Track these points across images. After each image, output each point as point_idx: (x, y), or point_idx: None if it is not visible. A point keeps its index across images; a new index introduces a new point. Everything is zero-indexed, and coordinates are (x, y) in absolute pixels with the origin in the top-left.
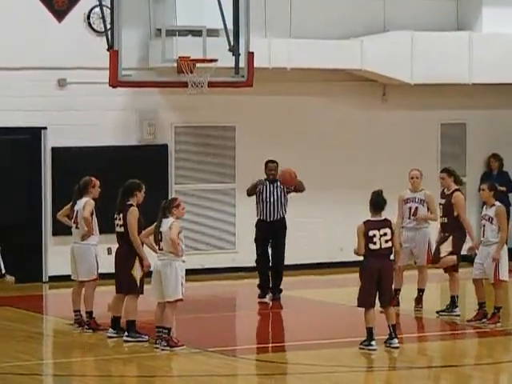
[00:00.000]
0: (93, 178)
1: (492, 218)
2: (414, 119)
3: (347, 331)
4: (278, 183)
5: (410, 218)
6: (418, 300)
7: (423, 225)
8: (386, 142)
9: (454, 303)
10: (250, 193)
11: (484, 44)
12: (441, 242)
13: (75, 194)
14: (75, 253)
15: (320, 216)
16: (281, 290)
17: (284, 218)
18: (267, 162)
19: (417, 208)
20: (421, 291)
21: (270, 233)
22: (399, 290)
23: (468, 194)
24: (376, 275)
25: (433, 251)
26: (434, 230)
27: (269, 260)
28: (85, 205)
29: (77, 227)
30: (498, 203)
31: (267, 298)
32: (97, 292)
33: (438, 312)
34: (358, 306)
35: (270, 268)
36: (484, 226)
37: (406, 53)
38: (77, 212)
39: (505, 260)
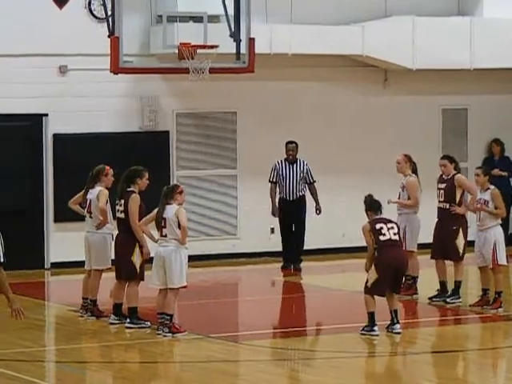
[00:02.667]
0: (106, 167)
1: (487, 202)
2: (416, 104)
3: (349, 317)
4: (297, 164)
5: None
6: (408, 287)
7: (402, 210)
8: (388, 128)
9: (457, 288)
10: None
11: (485, 29)
12: (454, 236)
13: (88, 182)
14: (90, 242)
15: (321, 201)
16: (300, 260)
17: (304, 196)
18: (287, 143)
19: (399, 193)
20: (411, 278)
21: (292, 210)
22: (417, 276)
23: (469, 179)
24: (393, 265)
25: (407, 240)
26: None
27: (291, 234)
28: (99, 194)
29: (90, 216)
30: (492, 186)
31: (291, 268)
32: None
33: (430, 298)
34: (369, 293)
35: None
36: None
37: (407, 38)
38: (90, 201)
39: (502, 244)
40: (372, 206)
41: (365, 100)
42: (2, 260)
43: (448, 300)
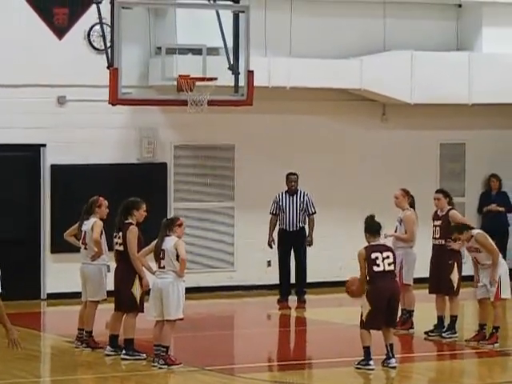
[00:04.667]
0: (100, 198)
1: (479, 249)
2: (414, 139)
3: (345, 350)
4: (297, 195)
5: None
6: (404, 321)
7: (398, 244)
8: (386, 162)
9: (453, 323)
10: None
11: (484, 64)
12: (449, 271)
13: (82, 214)
14: (85, 273)
15: (319, 235)
16: (304, 292)
17: (304, 227)
18: (288, 175)
19: (396, 227)
20: (407, 312)
21: (291, 241)
22: (412, 310)
23: (467, 214)
24: (386, 297)
25: (403, 274)
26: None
27: (289, 267)
28: (93, 226)
29: (85, 248)
30: (474, 231)
31: (289, 301)
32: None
33: (426, 333)
34: (365, 328)
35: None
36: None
37: (405, 72)
38: (85, 232)
39: (506, 278)
40: (370, 227)
41: (363, 134)
42: None
43: (444, 335)
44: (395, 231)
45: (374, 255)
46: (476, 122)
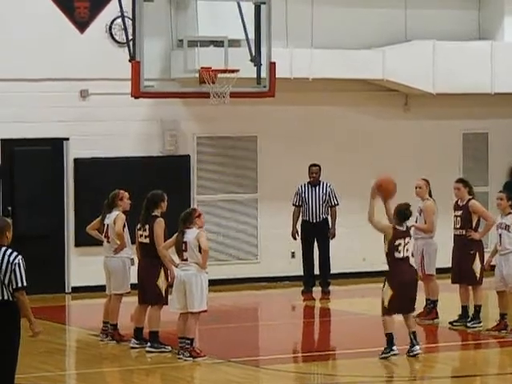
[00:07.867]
0: (121, 191)
1: (509, 226)
2: (436, 129)
3: (369, 341)
4: (319, 186)
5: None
6: (429, 311)
7: (419, 235)
8: (408, 152)
9: (477, 313)
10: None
11: (506, 53)
12: (471, 261)
13: (104, 208)
14: (109, 267)
15: (342, 225)
16: (328, 283)
17: (327, 218)
18: (310, 166)
19: (416, 217)
20: (431, 302)
21: (315, 233)
22: (437, 300)
23: (490, 203)
24: (407, 280)
25: (425, 264)
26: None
27: (313, 258)
28: (116, 219)
29: (108, 241)
30: None
31: (313, 292)
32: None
33: (451, 322)
34: (388, 313)
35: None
36: (500, 235)
37: (428, 62)
38: (107, 226)
39: None
40: (402, 214)
41: (385, 124)
42: (24, 284)
43: (468, 324)
44: (415, 221)
45: (397, 242)
46: (499, 111)
